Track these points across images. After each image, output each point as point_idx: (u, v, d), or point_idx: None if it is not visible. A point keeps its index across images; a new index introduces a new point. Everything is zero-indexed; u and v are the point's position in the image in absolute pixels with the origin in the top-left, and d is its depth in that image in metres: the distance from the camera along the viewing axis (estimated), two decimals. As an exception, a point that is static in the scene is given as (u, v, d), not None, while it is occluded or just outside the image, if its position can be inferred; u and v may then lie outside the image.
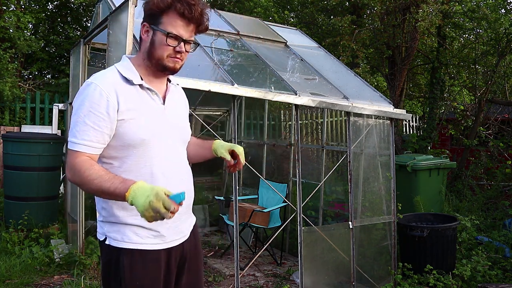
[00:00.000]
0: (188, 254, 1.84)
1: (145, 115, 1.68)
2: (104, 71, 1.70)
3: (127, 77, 1.67)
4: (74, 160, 1.58)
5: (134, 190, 1.46)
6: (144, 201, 1.42)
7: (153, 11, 1.68)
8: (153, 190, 1.44)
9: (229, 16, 5.13)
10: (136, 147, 1.67)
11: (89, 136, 1.58)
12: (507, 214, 5.73)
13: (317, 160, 5.84)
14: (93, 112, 1.58)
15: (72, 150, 1.59)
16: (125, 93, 1.65)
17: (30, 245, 4.60)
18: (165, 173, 1.72)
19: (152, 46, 1.69)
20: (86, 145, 1.59)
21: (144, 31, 1.72)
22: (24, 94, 7.63)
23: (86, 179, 1.54)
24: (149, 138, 1.68)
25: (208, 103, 6.33)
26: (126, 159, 1.67)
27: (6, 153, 5.13)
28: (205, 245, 5.43)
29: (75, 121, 1.60)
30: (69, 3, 10.14)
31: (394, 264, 4.22)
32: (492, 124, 7.78)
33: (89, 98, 1.59)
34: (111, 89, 1.61)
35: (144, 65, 1.73)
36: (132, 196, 1.46)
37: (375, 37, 7.96)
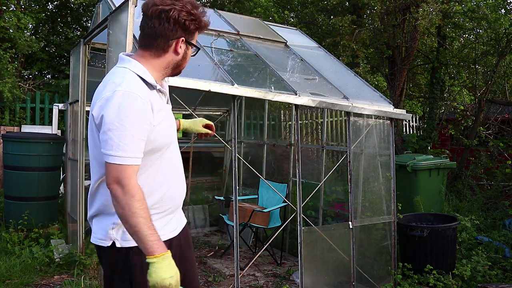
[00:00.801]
0: (183, 246, 1.94)
1: (165, 119, 1.75)
2: (128, 78, 1.66)
3: (150, 83, 1.70)
4: (130, 179, 1.57)
5: (164, 258, 1.55)
6: (165, 276, 1.53)
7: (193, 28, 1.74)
8: (177, 274, 1.57)
9: (229, 16, 5.13)
10: (160, 151, 1.73)
11: (138, 148, 1.60)
12: (507, 214, 5.73)
13: (317, 160, 5.84)
14: (140, 123, 1.58)
15: (123, 165, 1.56)
16: (153, 99, 1.68)
17: (30, 245, 4.60)
18: (173, 172, 1.83)
19: (184, 59, 1.78)
20: (138, 157, 1.60)
21: (180, 46, 1.74)
22: (24, 94, 7.63)
23: (134, 209, 1.55)
24: (171, 140, 1.78)
25: (208, 103, 6.33)
26: (148, 161, 1.69)
27: (6, 153, 5.13)
28: (205, 245, 5.43)
29: (119, 134, 1.55)
30: (69, 3, 10.14)
31: (394, 264, 4.22)
32: (492, 124, 7.78)
33: (133, 109, 1.57)
34: (146, 97, 1.63)
35: (162, 72, 1.78)
36: (158, 262, 1.53)
37: (375, 37, 7.96)
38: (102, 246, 1.73)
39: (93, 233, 1.79)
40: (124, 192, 1.56)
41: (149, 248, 1.54)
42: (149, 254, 1.54)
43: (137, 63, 1.73)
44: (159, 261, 1.53)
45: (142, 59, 1.75)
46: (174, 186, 1.85)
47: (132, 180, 1.57)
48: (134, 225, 1.54)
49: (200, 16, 1.75)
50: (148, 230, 1.54)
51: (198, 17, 1.74)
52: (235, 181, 3.41)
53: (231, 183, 5.71)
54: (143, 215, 1.55)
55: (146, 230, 1.54)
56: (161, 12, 1.67)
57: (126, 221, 1.56)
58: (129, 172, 1.57)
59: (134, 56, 1.77)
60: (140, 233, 1.54)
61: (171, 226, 1.88)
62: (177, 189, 1.87)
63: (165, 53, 1.74)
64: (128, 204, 1.55)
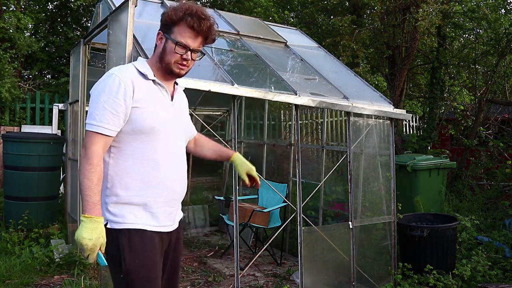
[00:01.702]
0: (173, 246, 2.04)
1: (155, 105, 1.88)
2: (123, 66, 1.93)
3: (143, 72, 1.89)
4: (92, 145, 1.76)
5: (91, 221, 1.70)
6: (84, 236, 1.68)
7: (167, 22, 1.89)
8: (97, 240, 1.69)
9: (229, 16, 5.13)
10: (145, 133, 1.85)
11: (107, 119, 1.77)
12: (507, 214, 5.73)
13: (317, 160, 5.84)
14: (112, 98, 1.77)
15: (91, 132, 1.77)
16: (140, 85, 1.85)
17: (30, 245, 4.60)
18: (166, 161, 1.90)
19: (163, 51, 1.91)
20: (104, 127, 1.77)
21: (159, 38, 1.94)
22: (24, 94, 7.63)
23: (84, 170, 1.74)
24: (158, 126, 1.87)
25: (208, 103, 6.33)
26: (134, 143, 1.84)
27: (6, 153, 5.13)
28: (205, 245, 5.43)
29: (94, 106, 1.78)
30: (69, 4, 10.13)
31: (394, 264, 4.22)
32: (492, 124, 7.78)
33: (109, 87, 1.79)
34: (128, 80, 1.82)
35: (156, 66, 1.95)
36: (85, 222, 1.69)
37: (375, 37, 7.96)
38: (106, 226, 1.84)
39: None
40: (84, 154, 1.76)
41: (84, 207, 1.72)
42: (83, 213, 1.72)
43: (143, 60, 1.96)
44: (87, 221, 1.70)
45: (150, 59, 1.99)
46: (171, 178, 1.93)
47: (94, 146, 1.76)
48: (80, 183, 1.74)
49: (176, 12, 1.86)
50: (88, 191, 1.72)
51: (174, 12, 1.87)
52: (235, 181, 3.41)
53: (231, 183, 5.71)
54: (89, 177, 1.72)
55: (87, 190, 1.72)
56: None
57: (78, 181, 1.85)
58: (93, 138, 1.77)
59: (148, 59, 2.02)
60: (82, 192, 1.73)
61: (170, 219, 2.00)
62: (174, 182, 1.95)
63: (155, 47, 1.97)
64: (82, 165, 1.75)
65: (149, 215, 1.87)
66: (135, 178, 1.84)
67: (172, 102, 1.97)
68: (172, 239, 2.02)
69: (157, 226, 1.90)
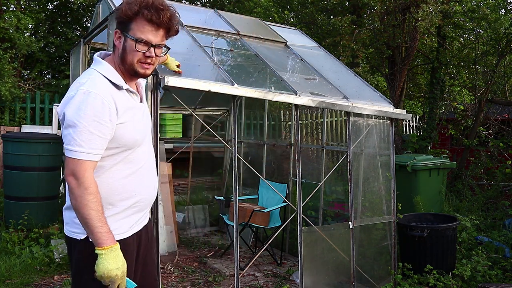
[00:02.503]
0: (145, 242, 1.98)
1: (134, 117, 1.80)
2: (93, 78, 1.72)
3: (116, 83, 1.75)
4: (85, 172, 1.65)
5: (112, 250, 1.63)
6: (111, 268, 1.62)
7: (122, 18, 1.74)
8: (123, 266, 1.65)
9: (229, 16, 5.12)
10: (129, 148, 1.78)
11: (96, 144, 1.66)
12: (507, 214, 5.73)
13: (317, 160, 5.84)
14: (97, 121, 1.64)
15: (79, 160, 1.65)
16: (119, 99, 1.74)
17: (30, 245, 4.60)
18: (146, 170, 1.88)
19: (124, 52, 1.77)
20: (94, 153, 1.67)
21: (117, 38, 1.78)
22: (24, 94, 7.63)
23: (86, 201, 1.63)
24: (141, 138, 1.83)
25: (208, 103, 6.33)
26: (117, 157, 1.77)
27: (6, 153, 5.13)
28: (205, 245, 5.43)
29: (77, 131, 1.63)
30: (69, 3, 10.14)
31: (394, 264, 4.22)
32: (492, 124, 7.78)
33: (91, 107, 1.64)
34: (109, 97, 1.69)
35: (120, 69, 1.81)
36: (106, 254, 1.62)
37: (375, 37, 7.96)
38: (75, 238, 1.77)
39: (66, 224, 1.84)
40: (79, 184, 1.64)
41: (98, 239, 1.63)
42: (98, 246, 1.63)
43: (107, 64, 1.79)
44: (107, 252, 1.62)
45: (111, 60, 1.83)
46: (147, 184, 1.90)
47: (87, 174, 1.65)
48: (85, 217, 1.63)
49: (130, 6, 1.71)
50: (98, 222, 1.63)
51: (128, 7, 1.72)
52: (235, 181, 3.41)
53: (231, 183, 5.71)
54: (94, 207, 1.63)
55: (96, 222, 1.62)
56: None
57: (78, 212, 1.65)
58: (84, 166, 1.65)
59: (108, 58, 1.83)
60: (90, 225, 1.63)
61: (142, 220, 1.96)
62: (149, 187, 1.92)
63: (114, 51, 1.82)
64: (81, 196, 1.63)
65: (130, 221, 1.86)
66: (119, 193, 1.79)
67: (142, 104, 1.90)
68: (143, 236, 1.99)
69: (134, 227, 1.89)
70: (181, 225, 5.88)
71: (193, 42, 3.91)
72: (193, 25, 4.27)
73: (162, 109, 6.04)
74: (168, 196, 5.31)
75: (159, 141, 3.10)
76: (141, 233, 1.94)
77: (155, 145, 2.91)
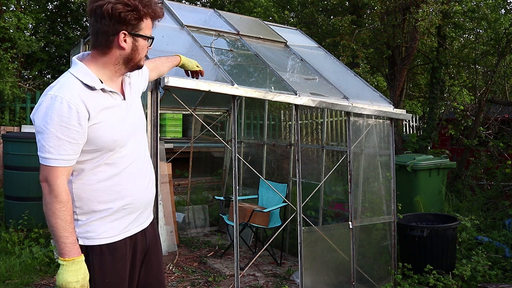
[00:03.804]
0: (149, 244, 1.95)
1: (112, 117, 1.73)
2: (62, 81, 1.66)
3: (89, 84, 1.67)
4: (56, 179, 1.61)
5: (74, 263, 1.60)
6: (70, 280, 1.59)
7: (132, 19, 1.68)
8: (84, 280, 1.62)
9: (229, 16, 5.12)
10: (109, 149, 1.72)
11: (66, 150, 1.61)
12: (507, 214, 5.73)
13: (317, 160, 5.84)
14: (65, 126, 1.58)
15: (50, 166, 1.62)
16: (90, 100, 1.66)
17: (30, 245, 4.60)
18: (134, 170, 1.82)
19: (135, 52, 1.74)
20: (65, 159, 1.62)
21: (122, 40, 1.70)
22: (24, 94, 7.63)
23: (54, 209, 1.60)
24: (120, 138, 1.75)
25: (208, 103, 6.33)
26: (98, 160, 1.72)
27: (6, 153, 5.13)
28: (205, 245, 5.43)
29: (45, 137, 1.59)
30: (69, 3, 10.14)
31: (394, 264, 4.22)
32: (492, 124, 7.77)
33: (57, 112, 1.57)
34: (77, 99, 1.61)
35: (113, 69, 1.75)
36: (67, 266, 1.59)
37: (375, 37, 7.96)
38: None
39: None
40: (50, 191, 1.62)
41: (61, 249, 1.61)
42: (61, 256, 1.61)
43: (82, 65, 1.71)
44: (68, 264, 1.60)
45: (92, 59, 1.75)
46: (137, 185, 1.84)
47: (58, 181, 1.61)
48: (52, 225, 1.61)
49: (138, 5, 1.67)
50: (64, 232, 1.60)
51: (135, 6, 1.67)
52: (235, 181, 3.41)
53: (231, 183, 5.72)
54: (62, 217, 1.60)
55: (62, 232, 1.60)
56: (96, 9, 1.66)
57: (47, 219, 1.63)
58: (56, 173, 1.61)
59: (86, 58, 1.77)
60: (56, 233, 1.61)
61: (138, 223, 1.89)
62: (140, 188, 1.86)
63: (109, 49, 1.72)
64: (50, 204, 1.61)
65: (121, 225, 1.80)
66: (104, 195, 1.73)
67: (125, 102, 1.80)
68: (147, 238, 1.95)
69: (127, 231, 1.83)
70: (181, 225, 5.88)
71: (193, 42, 3.91)
72: (193, 25, 4.27)
73: (162, 109, 6.04)
74: (168, 196, 5.31)
75: (159, 141, 3.10)
76: (136, 238, 1.87)
77: (155, 145, 2.91)
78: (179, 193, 6.72)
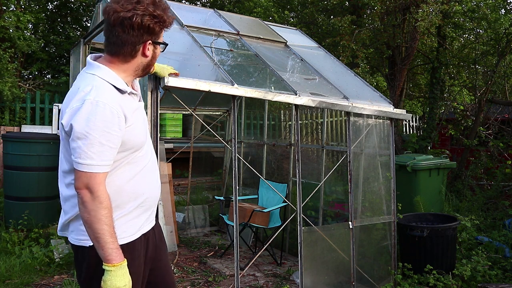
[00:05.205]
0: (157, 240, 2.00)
1: (138, 118, 1.80)
2: (97, 86, 1.66)
3: (121, 88, 1.72)
4: (99, 185, 1.62)
5: (121, 267, 1.63)
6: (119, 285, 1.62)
7: (157, 29, 1.75)
8: (130, 282, 1.66)
9: (229, 16, 5.13)
10: (135, 150, 1.77)
11: (107, 155, 1.63)
12: (507, 214, 5.73)
13: (317, 160, 5.84)
14: (108, 131, 1.61)
15: (92, 173, 1.61)
16: (125, 104, 1.71)
17: (30, 245, 4.60)
18: (148, 169, 1.87)
19: (153, 58, 1.82)
20: (106, 164, 1.64)
21: (148, 49, 1.76)
22: (24, 94, 7.63)
23: (99, 215, 1.60)
24: (144, 138, 1.83)
25: (208, 103, 6.34)
26: (123, 161, 1.75)
27: (6, 153, 5.13)
28: (205, 245, 5.43)
29: (88, 143, 1.58)
30: (69, 3, 10.15)
31: (394, 264, 4.22)
32: (492, 124, 7.78)
33: (101, 118, 1.59)
34: (117, 105, 1.65)
35: (133, 74, 1.81)
36: (114, 271, 1.61)
37: (375, 37, 7.96)
38: (84, 246, 1.75)
39: (71, 233, 1.80)
40: (93, 198, 1.60)
41: (108, 255, 1.61)
42: (107, 262, 1.62)
43: (107, 69, 1.73)
44: (116, 269, 1.62)
45: (112, 65, 1.76)
46: (151, 183, 1.90)
47: (101, 187, 1.62)
48: (97, 231, 1.60)
49: (164, 15, 1.74)
50: (109, 237, 1.61)
51: (161, 17, 1.73)
52: (235, 181, 3.41)
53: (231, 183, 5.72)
54: (108, 222, 1.61)
55: (108, 237, 1.61)
56: (123, 20, 1.67)
57: (90, 226, 1.61)
58: (98, 179, 1.62)
59: (102, 61, 1.77)
60: (102, 240, 1.60)
61: (150, 219, 1.95)
62: (154, 185, 1.92)
63: (133, 58, 1.76)
64: (95, 210, 1.60)
65: (138, 223, 1.84)
66: (127, 194, 1.78)
67: (141, 103, 1.89)
68: (156, 235, 2.01)
69: (142, 229, 1.88)
70: (181, 225, 5.88)
71: (193, 42, 3.90)
72: (193, 25, 4.27)
73: (162, 109, 6.04)
74: (168, 196, 5.31)
75: (159, 141, 3.10)
76: (149, 234, 1.92)
77: (155, 145, 2.91)
78: (179, 193, 6.72)
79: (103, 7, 4.70)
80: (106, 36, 1.74)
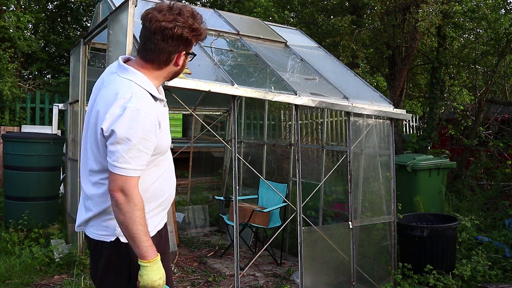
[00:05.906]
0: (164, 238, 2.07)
1: (166, 124, 1.88)
2: (137, 93, 1.71)
3: (155, 96, 1.79)
4: (133, 188, 1.69)
5: (155, 263, 1.72)
6: (155, 279, 1.71)
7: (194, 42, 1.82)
8: (164, 276, 1.75)
9: (229, 16, 5.13)
10: (163, 153, 1.87)
11: (142, 160, 1.71)
12: (507, 214, 5.73)
13: (317, 160, 5.84)
14: (146, 138, 1.69)
15: (128, 176, 1.68)
16: (159, 111, 1.79)
17: (30, 245, 4.60)
18: (169, 169, 1.95)
19: (182, 67, 1.87)
20: (140, 169, 1.72)
21: (181, 59, 1.82)
22: (24, 94, 7.63)
23: (135, 217, 1.68)
24: (170, 142, 1.91)
25: (208, 103, 6.34)
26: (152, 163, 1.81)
27: (6, 153, 5.13)
28: (205, 245, 5.44)
29: (127, 148, 1.66)
30: (69, 3, 10.15)
31: (394, 264, 4.22)
32: (492, 124, 7.77)
33: (142, 126, 1.67)
34: (154, 113, 1.72)
35: (162, 81, 1.88)
36: (150, 266, 1.70)
37: (375, 37, 7.96)
38: (104, 241, 1.81)
39: (93, 229, 1.84)
40: (128, 201, 1.67)
41: (144, 253, 1.69)
42: (143, 258, 1.70)
43: (142, 76, 1.78)
44: (151, 265, 1.70)
45: (144, 70, 1.80)
46: (172, 183, 1.99)
47: (135, 190, 1.70)
48: (134, 232, 1.68)
49: (202, 29, 1.82)
50: (144, 236, 1.69)
51: (199, 30, 1.80)
52: (235, 181, 3.41)
53: (231, 183, 5.72)
54: (142, 223, 1.69)
55: (143, 236, 1.69)
56: (164, 29, 1.72)
57: (126, 227, 1.69)
58: (133, 182, 1.69)
59: (135, 65, 1.80)
60: (137, 239, 1.68)
61: (165, 217, 2.05)
62: (173, 185, 2.01)
63: (166, 66, 1.82)
64: (130, 212, 1.67)
65: (156, 221, 1.93)
66: (151, 195, 1.85)
67: (166, 108, 1.93)
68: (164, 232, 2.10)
69: (158, 226, 1.96)
70: (181, 225, 5.89)
71: (193, 42, 3.90)
72: (193, 25, 4.26)
73: (162, 109, 6.02)
74: (168, 196, 5.30)
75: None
76: (161, 231, 2.01)
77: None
78: (179, 193, 6.72)
79: (103, 7, 4.71)
80: (143, 42, 1.78)
